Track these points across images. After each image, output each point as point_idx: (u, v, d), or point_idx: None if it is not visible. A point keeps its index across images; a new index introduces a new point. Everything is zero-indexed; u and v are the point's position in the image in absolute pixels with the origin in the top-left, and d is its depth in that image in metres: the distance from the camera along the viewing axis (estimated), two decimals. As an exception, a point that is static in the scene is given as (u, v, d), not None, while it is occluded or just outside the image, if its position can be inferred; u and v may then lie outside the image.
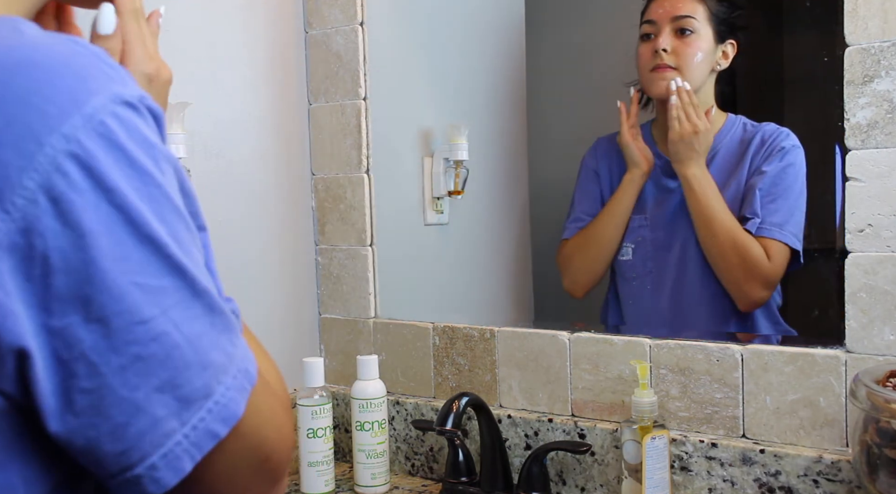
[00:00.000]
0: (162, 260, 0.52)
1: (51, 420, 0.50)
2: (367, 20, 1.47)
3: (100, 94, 0.51)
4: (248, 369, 0.56)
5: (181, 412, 0.52)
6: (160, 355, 0.51)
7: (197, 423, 0.53)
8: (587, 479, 1.23)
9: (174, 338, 0.52)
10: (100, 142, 0.50)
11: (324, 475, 1.32)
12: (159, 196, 0.53)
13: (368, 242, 1.48)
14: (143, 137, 0.53)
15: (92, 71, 0.52)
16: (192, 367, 0.53)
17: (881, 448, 0.91)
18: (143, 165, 0.52)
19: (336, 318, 1.53)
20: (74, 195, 0.49)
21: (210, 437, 0.54)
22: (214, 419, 0.54)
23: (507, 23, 1.72)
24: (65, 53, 0.52)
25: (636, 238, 1.45)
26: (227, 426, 0.54)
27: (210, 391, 0.53)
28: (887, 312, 1.03)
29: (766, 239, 1.32)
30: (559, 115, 1.71)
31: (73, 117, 0.49)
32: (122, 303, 0.50)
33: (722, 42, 1.40)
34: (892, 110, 1.02)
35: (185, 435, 0.53)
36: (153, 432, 0.52)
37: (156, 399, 0.51)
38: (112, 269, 0.50)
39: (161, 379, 0.51)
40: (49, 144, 0.48)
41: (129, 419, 0.51)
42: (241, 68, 1.43)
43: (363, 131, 1.47)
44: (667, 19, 1.40)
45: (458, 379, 1.38)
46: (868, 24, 1.02)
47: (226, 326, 0.55)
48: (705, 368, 1.16)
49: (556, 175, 1.68)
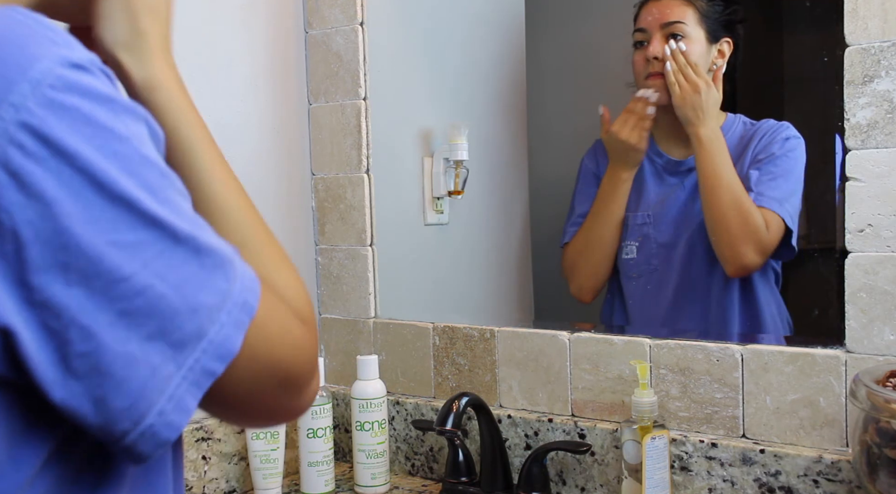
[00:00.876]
0: (135, 215, 0.51)
1: (54, 390, 0.50)
2: (367, 20, 1.47)
3: (44, 58, 0.50)
4: (246, 300, 0.56)
5: (175, 355, 0.52)
6: (145, 307, 0.51)
7: (192, 364, 0.53)
8: (587, 479, 1.23)
9: (158, 289, 0.51)
10: (51, 106, 0.49)
11: (324, 475, 1.32)
12: (124, 150, 0.52)
13: (368, 242, 1.48)
14: (98, 92, 0.52)
15: (33, 37, 0.51)
16: (181, 313, 0.52)
17: (881, 448, 0.91)
18: (102, 121, 0.51)
19: (336, 318, 1.53)
20: (33, 165, 0.48)
21: (207, 375, 0.54)
22: (209, 357, 0.54)
23: (507, 23, 1.72)
24: (3, 23, 0.51)
25: (640, 236, 1.45)
26: (224, 362, 0.54)
27: (203, 332, 0.53)
28: (887, 312, 1.03)
29: (765, 209, 1.32)
30: (559, 115, 1.71)
31: (20, 85, 0.48)
32: (100, 264, 0.50)
33: (716, 41, 1.40)
34: (892, 110, 1.02)
35: (184, 377, 0.53)
36: (153, 379, 0.52)
37: (149, 348, 0.51)
38: (85, 232, 0.49)
39: (150, 329, 0.51)
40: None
41: (129, 372, 0.51)
42: (241, 68, 1.43)
43: (363, 131, 1.47)
44: (657, 26, 1.40)
45: (458, 379, 1.38)
46: (868, 24, 1.02)
47: (217, 263, 0.54)
48: (705, 368, 1.16)
49: (556, 175, 1.69)
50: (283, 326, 0.59)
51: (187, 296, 0.53)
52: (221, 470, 1.35)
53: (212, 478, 1.34)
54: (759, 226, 1.32)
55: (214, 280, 0.54)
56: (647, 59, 1.40)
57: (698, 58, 1.39)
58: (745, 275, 1.36)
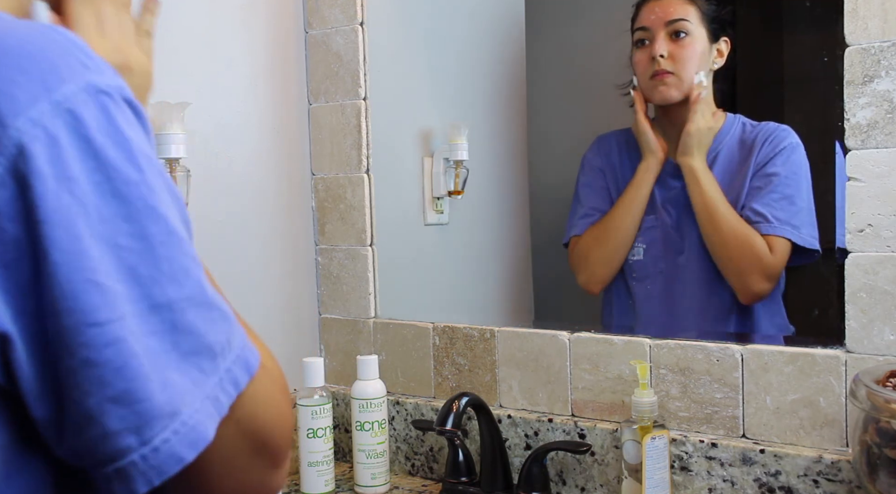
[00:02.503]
0: (116, 263, 0.49)
1: (34, 406, 0.49)
2: (367, 20, 1.47)
3: (71, 82, 0.49)
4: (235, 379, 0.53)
5: (141, 428, 0.49)
6: (115, 363, 0.48)
7: (160, 444, 0.49)
8: (587, 479, 1.23)
9: (131, 347, 0.48)
10: (66, 130, 0.49)
11: (324, 475, 1.32)
12: (126, 194, 0.50)
13: (368, 242, 1.48)
14: (116, 129, 0.51)
15: (66, 59, 0.50)
16: (151, 381, 0.49)
17: (881, 448, 0.91)
18: (110, 160, 0.50)
19: (336, 318, 1.53)
20: (35, 181, 0.48)
21: (174, 461, 0.50)
22: (181, 441, 0.50)
23: (507, 23, 1.72)
24: (39, 41, 0.51)
25: (648, 239, 1.45)
26: (196, 449, 0.50)
27: (175, 410, 0.50)
28: (887, 312, 1.03)
29: (769, 236, 1.32)
30: (559, 115, 1.71)
31: (42, 103, 0.48)
32: (73, 301, 0.48)
33: (716, 41, 1.40)
34: (892, 110, 1.02)
35: (143, 456, 0.49)
36: (105, 444, 0.49)
37: (109, 410, 0.48)
38: (64, 263, 0.47)
39: (117, 389, 0.48)
40: (14, 127, 0.47)
41: (81, 423, 0.49)
42: (241, 68, 1.43)
43: (363, 131, 1.47)
44: (660, 24, 1.40)
45: (458, 379, 1.38)
46: (868, 24, 1.02)
47: (193, 348, 0.51)
48: (705, 368, 1.16)
49: (556, 175, 1.69)
50: (270, 392, 0.57)
51: (157, 367, 0.49)
52: (221, 470, 1.35)
53: (212, 478, 1.33)
54: (763, 254, 1.33)
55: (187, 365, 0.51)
56: (652, 58, 1.40)
57: (700, 57, 1.39)
58: (758, 301, 1.37)
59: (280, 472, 0.59)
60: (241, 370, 0.54)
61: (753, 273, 1.34)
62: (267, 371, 0.58)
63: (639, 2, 1.44)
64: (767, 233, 1.32)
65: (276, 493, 0.60)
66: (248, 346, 0.55)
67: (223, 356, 0.53)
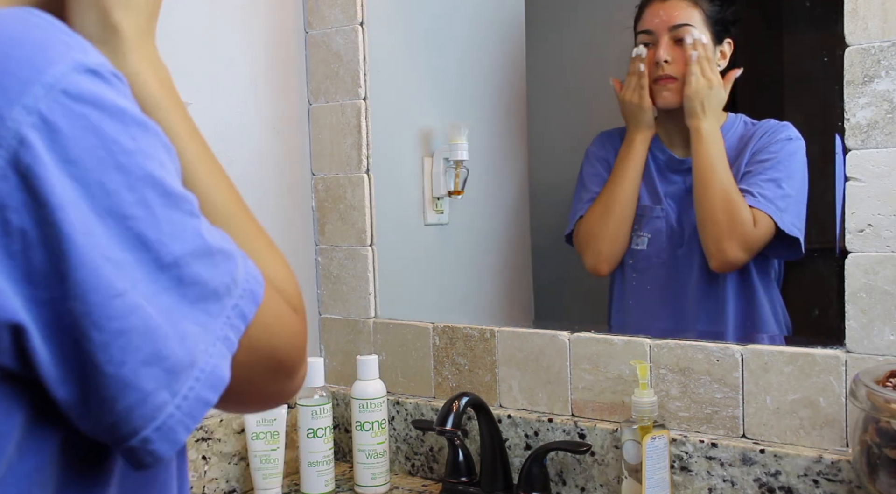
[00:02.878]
0: (123, 233, 0.51)
1: (56, 389, 0.51)
2: (367, 20, 1.47)
3: (59, 62, 0.50)
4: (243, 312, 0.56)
5: (171, 383, 0.52)
6: (140, 327, 0.50)
7: (187, 393, 0.53)
8: (587, 479, 1.23)
9: (148, 311, 0.51)
10: (61, 111, 0.49)
11: (324, 475, 1.32)
12: (127, 164, 0.51)
13: (368, 242, 1.48)
14: (109, 103, 0.51)
15: (49, 40, 0.51)
16: (172, 337, 0.52)
17: (881, 448, 0.91)
18: (109, 134, 0.51)
19: (336, 318, 1.53)
20: (40, 169, 0.48)
21: (202, 404, 0.53)
22: (203, 387, 0.53)
23: (507, 23, 1.72)
24: (20, 25, 0.51)
25: (653, 229, 1.45)
26: (217, 392, 0.54)
27: (194, 359, 0.53)
28: (887, 312, 1.03)
29: (754, 209, 1.32)
30: (559, 115, 1.71)
31: (34, 87, 0.49)
32: (96, 278, 0.49)
33: (720, 43, 1.40)
34: (892, 110, 1.02)
35: (178, 406, 0.52)
36: (143, 406, 0.51)
37: (143, 373, 0.51)
38: (83, 243, 0.49)
39: (146, 353, 0.51)
40: (10, 118, 0.48)
41: (116, 394, 0.51)
42: (241, 68, 1.43)
43: (363, 131, 1.47)
44: (664, 29, 1.40)
45: (458, 379, 1.38)
46: (868, 24, 1.02)
47: (200, 295, 0.54)
48: (705, 368, 1.16)
49: (556, 175, 1.68)
50: (279, 314, 0.60)
51: (173, 322, 0.52)
52: (221, 470, 1.35)
53: (212, 478, 1.34)
54: (746, 222, 1.32)
55: (195, 312, 0.53)
56: (657, 63, 1.40)
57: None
58: (728, 270, 1.36)
59: (296, 380, 0.64)
60: (248, 303, 0.57)
61: (732, 239, 1.34)
62: (274, 293, 0.61)
63: (642, 3, 1.44)
64: (752, 205, 1.32)
65: (291, 397, 0.65)
66: (251, 276, 0.58)
67: (229, 295, 0.56)
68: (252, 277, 0.58)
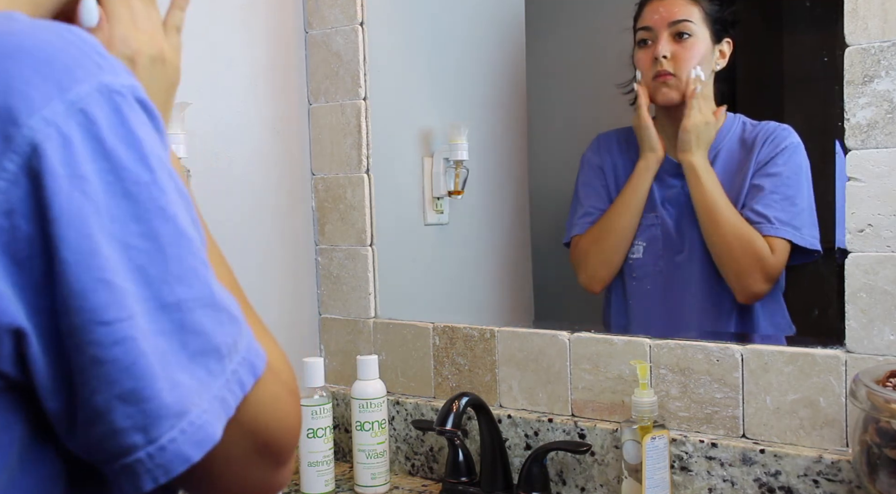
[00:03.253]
0: (126, 263, 0.50)
1: (48, 400, 0.50)
2: (367, 20, 1.47)
3: (85, 82, 0.50)
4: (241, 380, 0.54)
5: (148, 427, 0.49)
6: (123, 361, 0.48)
7: (166, 443, 0.50)
8: (587, 479, 1.23)
9: (140, 346, 0.49)
10: (78, 130, 0.49)
11: (324, 475, 1.32)
12: (136, 194, 0.50)
13: (368, 242, 1.48)
14: (127, 129, 0.51)
15: (81, 60, 0.51)
16: (160, 381, 0.49)
17: (881, 448, 0.91)
18: (121, 160, 0.50)
19: (336, 318, 1.53)
20: (48, 179, 0.48)
21: (180, 460, 0.50)
22: (187, 441, 0.50)
23: (507, 23, 1.72)
24: (56, 42, 0.51)
25: (648, 237, 1.45)
26: (202, 450, 0.51)
27: (184, 410, 0.50)
28: (887, 312, 1.03)
29: (770, 237, 1.32)
30: (559, 115, 1.71)
31: (55, 103, 0.49)
32: (83, 300, 0.48)
33: (718, 42, 1.40)
34: (892, 110, 1.02)
35: (150, 455, 0.50)
36: (112, 440, 0.49)
37: (116, 408, 0.49)
38: (75, 262, 0.48)
39: (123, 388, 0.48)
40: (27, 126, 0.48)
41: (90, 419, 0.49)
42: (241, 68, 1.43)
43: (363, 131, 1.47)
44: (664, 25, 1.40)
45: (458, 379, 1.38)
46: (868, 24, 1.02)
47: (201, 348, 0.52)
48: (705, 368, 1.16)
49: (556, 175, 1.68)
50: (275, 393, 0.57)
51: (167, 367, 0.50)
52: (221, 470, 1.35)
53: (212, 478, 1.33)
54: (764, 255, 1.32)
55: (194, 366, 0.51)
56: (656, 58, 1.40)
57: (703, 58, 1.39)
58: (756, 301, 1.37)
59: (284, 471, 0.60)
60: (247, 373, 0.54)
61: (754, 273, 1.34)
62: (274, 373, 0.58)
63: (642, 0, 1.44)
64: (769, 234, 1.32)
65: (279, 491, 0.60)
66: (253, 348, 0.56)
67: (230, 358, 0.53)
68: (254, 349, 0.56)
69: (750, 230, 1.33)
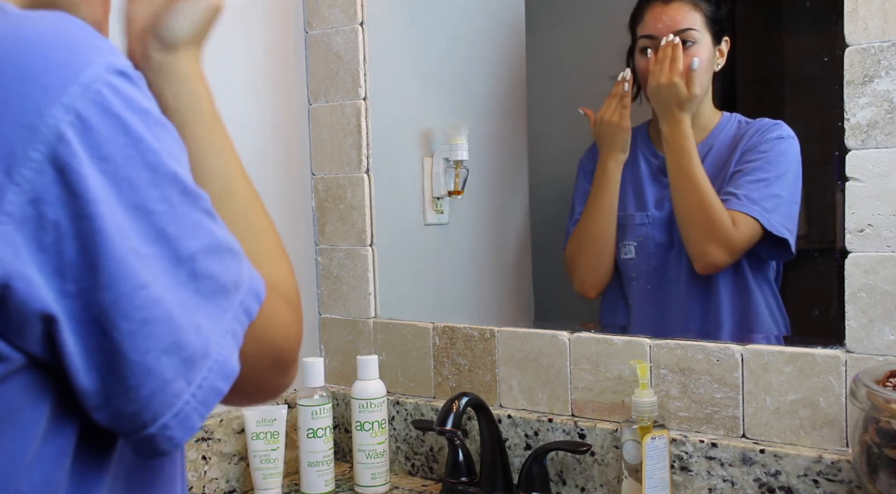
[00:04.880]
0: (147, 228, 0.54)
1: (79, 378, 0.53)
2: (367, 20, 1.47)
3: (94, 64, 0.53)
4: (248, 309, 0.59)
5: (187, 372, 0.55)
6: (163, 318, 0.53)
7: (201, 382, 0.56)
8: (587, 479, 1.23)
9: (169, 302, 0.54)
10: (96, 110, 0.52)
11: (324, 475, 1.32)
12: (153, 162, 0.54)
13: (368, 242, 1.48)
14: (137, 104, 0.55)
15: (83, 43, 0.54)
16: (188, 329, 0.55)
17: (881, 448, 0.91)
18: (138, 132, 0.54)
19: (336, 318, 1.53)
20: (76, 164, 0.51)
21: (215, 393, 0.57)
22: (216, 376, 0.57)
23: (507, 23, 1.72)
24: (56, 28, 0.54)
25: (639, 236, 1.45)
26: (229, 381, 0.57)
27: (207, 350, 0.56)
28: (887, 312, 1.03)
29: (733, 211, 1.32)
30: (559, 115, 1.71)
31: (72, 87, 0.51)
32: (125, 269, 0.52)
33: (718, 42, 1.40)
34: (892, 110, 1.02)
35: (193, 394, 0.55)
36: (163, 393, 0.54)
37: (164, 362, 0.54)
38: (115, 236, 0.52)
39: (167, 342, 0.54)
40: (50, 115, 0.50)
41: (140, 382, 0.53)
42: (241, 68, 1.43)
43: (363, 131, 1.47)
44: (668, 33, 1.38)
45: (458, 379, 1.38)
46: (868, 24, 1.02)
47: (212, 290, 0.57)
48: (705, 368, 1.16)
49: (556, 175, 1.68)
50: (278, 310, 0.64)
51: (189, 314, 0.55)
52: (221, 470, 1.35)
53: (212, 478, 1.34)
54: (725, 226, 1.32)
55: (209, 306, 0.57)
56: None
57: (706, 62, 1.38)
58: (713, 272, 1.37)
59: (290, 374, 0.67)
60: (252, 300, 0.60)
61: (712, 242, 1.34)
62: (275, 290, 0.64)
63: (641, 4, 1.43)
64: (733, 208, 1.32)
65: (284, 391, 0.68)
66: (255, 276, 0.61)
67: (237, 291, 0.59)
68: (254, 277, 0.61)
69: (715, 199, 1.33)
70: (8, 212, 0.49)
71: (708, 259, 1.36)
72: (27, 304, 0.50)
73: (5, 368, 0.52)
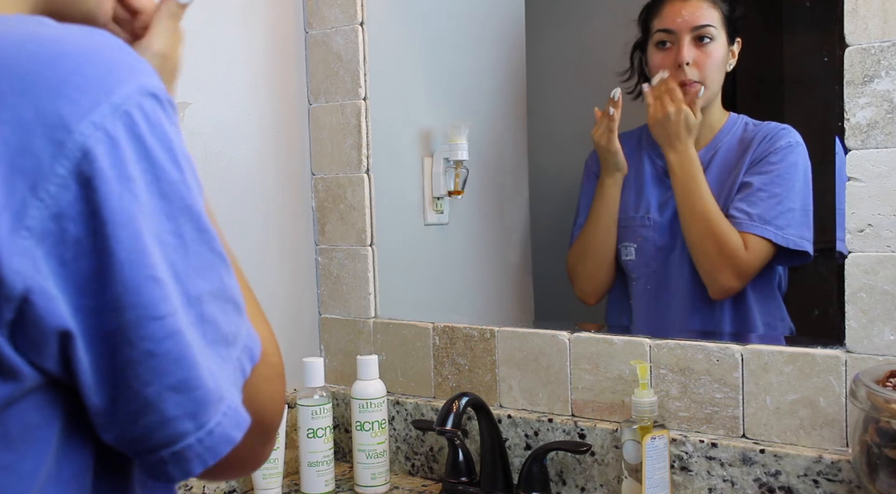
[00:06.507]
0: (163, 258, 0.52)
1: (89, 396, 0.52)
2: (367, 20, 1.47)
3: (127, 84, 0.52)
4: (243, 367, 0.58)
5: (197, 414, 0.53)
6: (174, 353, 0.52)
7: (213, 427, 0.54)
8: (587, 479, 1.23)
9: (187, 338, 0.52)
10: (124, 131, 0.51)
11: (324, 475, 1.32)
12: (169, 193, 0.53)
13: (368, 242, 1.48)
14: (163, 131, 0.54)
15: (119, 62, 0.53)
16: (203, 370, 0.53)
17: (881, 447, 0.91)
18: (159, 160, 0.53)
19: (336, 318, 1.53)
20: (100, 182, 0.50)
21: (226, 442, 0.55)
22: (230, 423, 0.55)
23: (507, 23, 1.72)
24: (93, 45, 0.53)
25: (638, 238, 1.45)
26: (241, 431, 0.55)
27: (222, 394, 0.54)
28: (887, 312, 1.03)
29: (745, 233, 1.32)
30: (559, 114, 1.71)
31: (102, 106, 0.51)
32: (136, 296, 0.51)
33: (732, 43, 1.39)
34: (892, 110, 1.02)
35: (199, 439, 0.53)
36: (162, 429, 0.53)
37: (169, 398, 0.52)
38: (128, 261, 0.50)
39: (176, 378, 0.52)
40: (78, 132, 0.50)
41: (139, 411, 0.52)
42: (241, 68, 1.43)
43: (363, 131, 1.47)
44: (686, 29, 1.37)
45: (458, 379, 1.38)
46: (868, 24, 1.02)
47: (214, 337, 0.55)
48: (705, 368, 1.16)
49: (557, 175, 1.69)
50: (266, 376, 0.62)
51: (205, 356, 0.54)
52: (221, 470, 1.35)
53: (212, 478, 1.33)
54: (736, 251, 1.32)
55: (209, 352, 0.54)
56: (679, 65, 1.37)
57: (721, 61, 1.38)
58: (727, 297, 1.37)
59: (269, 445, 0.65)
60: (247, 359, 0.58)
61: (723, 269, 1.34)
62: (265, 356, 0.62)
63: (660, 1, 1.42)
64: (745, 230, 1.32)
65: (263, 463, 0.66)
66: (251, 335, 0.60)
67: (234, 346, 0.57)
68: (252, 336, 0.60)
69: (724, 225, 1.33)
70: (29, 226, 0.49)
71: (719, 287, 1.36)
72: (45, 319, 0.49)
73: (21, 387, 0.51)
